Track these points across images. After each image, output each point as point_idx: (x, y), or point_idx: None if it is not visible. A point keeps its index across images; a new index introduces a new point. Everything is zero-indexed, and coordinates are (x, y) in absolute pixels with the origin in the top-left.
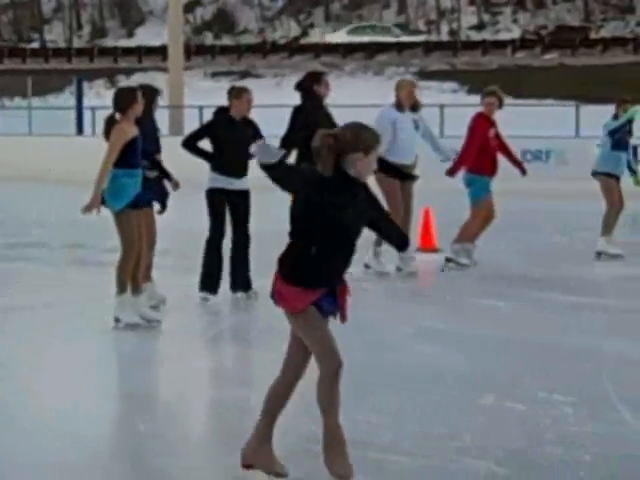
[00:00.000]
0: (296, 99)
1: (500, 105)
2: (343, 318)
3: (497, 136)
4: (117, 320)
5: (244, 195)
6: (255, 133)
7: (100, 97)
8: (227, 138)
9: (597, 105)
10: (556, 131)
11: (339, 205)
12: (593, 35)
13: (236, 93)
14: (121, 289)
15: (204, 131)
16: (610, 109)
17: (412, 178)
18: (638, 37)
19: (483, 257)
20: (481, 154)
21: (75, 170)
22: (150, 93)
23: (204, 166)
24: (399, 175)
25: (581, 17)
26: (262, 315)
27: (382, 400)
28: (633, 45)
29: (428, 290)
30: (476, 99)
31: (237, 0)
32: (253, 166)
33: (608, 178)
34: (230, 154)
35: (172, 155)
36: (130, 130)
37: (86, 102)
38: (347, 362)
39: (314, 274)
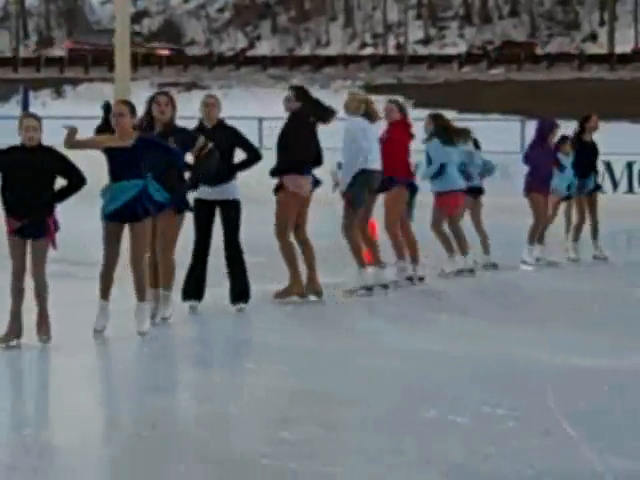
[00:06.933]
0: (243, 111)
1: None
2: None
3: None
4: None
5: (231, 205)
6: (234, 140)
7: (46, 107)
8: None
9: None
10: (501, 146)
11: None
12: (539, 51)
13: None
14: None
15: None
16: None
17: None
18: (583, 53)
19: (426, 272)
20: None
21: None
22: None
23: None
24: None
25: (527, 33)
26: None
27: (325, 413)
28: (578, 61)
29: (372, 304)
30: (422, 113)
31: (184, 11)
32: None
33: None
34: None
35: None
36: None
37: (32, 111)
38: (294, 375)
39: None
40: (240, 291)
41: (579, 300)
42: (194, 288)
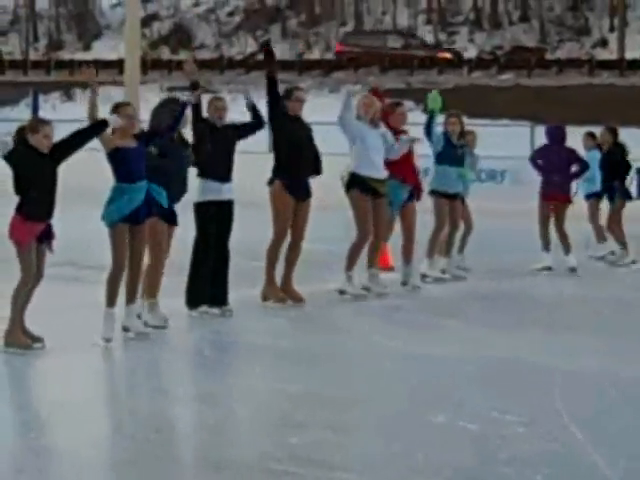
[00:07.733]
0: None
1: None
2: None
3: None
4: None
5: (230, 206)
6: (235, 128)
7: (56, 110)
8: (207, 143)
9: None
10: (511, 151)
11: None
12: (549, 56)
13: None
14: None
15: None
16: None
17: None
18: (593, 59)
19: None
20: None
21: None
22: None
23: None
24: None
25: (537, 38)
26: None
27: (331, 417)
28: (588, 67)
29: (381, 309)
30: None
31: (194, 15)
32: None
33: (436, 197)
34: (215, 159)
35: None
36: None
37: (42, 115)
38: (300, 379)
39: None
40: (222, 295)
41: (587, 305)
42: (202, 294)
